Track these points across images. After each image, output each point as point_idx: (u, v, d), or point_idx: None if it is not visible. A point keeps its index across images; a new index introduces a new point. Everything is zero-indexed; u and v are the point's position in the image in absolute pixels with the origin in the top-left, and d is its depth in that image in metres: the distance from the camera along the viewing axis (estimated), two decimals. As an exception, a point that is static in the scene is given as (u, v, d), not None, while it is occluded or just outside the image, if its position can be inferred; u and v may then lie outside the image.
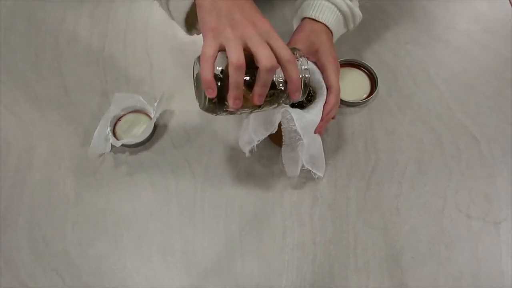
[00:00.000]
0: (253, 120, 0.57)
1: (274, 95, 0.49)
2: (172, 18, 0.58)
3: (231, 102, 0.45)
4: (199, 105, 0.50)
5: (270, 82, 0.45)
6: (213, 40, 0.45)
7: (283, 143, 0.58)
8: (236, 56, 0.43)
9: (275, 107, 0.52)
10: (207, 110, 0.49)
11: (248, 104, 0.48)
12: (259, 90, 0.45)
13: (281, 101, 0.51)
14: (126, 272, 0.60)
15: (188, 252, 0.62)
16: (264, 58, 0.43)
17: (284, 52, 0.45)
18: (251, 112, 0.52)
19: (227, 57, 0.44)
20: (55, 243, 0.63)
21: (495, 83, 0.75)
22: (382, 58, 0.79)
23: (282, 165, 0.63)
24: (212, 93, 0.44)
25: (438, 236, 0.61)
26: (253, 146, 0.58)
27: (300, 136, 0.54)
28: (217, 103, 0.47)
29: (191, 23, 0.58)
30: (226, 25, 0.45)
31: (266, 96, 0.47)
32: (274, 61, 0.44)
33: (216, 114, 0.50)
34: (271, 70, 0.44)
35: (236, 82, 0.44)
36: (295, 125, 0.53)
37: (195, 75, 0.49)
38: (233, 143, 0.70)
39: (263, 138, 0.56)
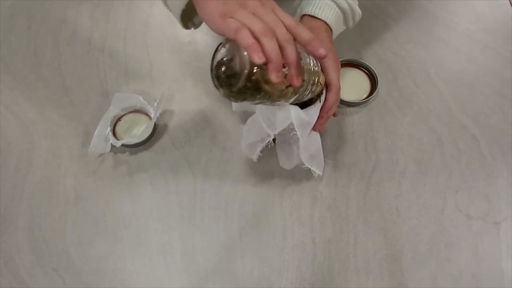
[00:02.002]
0: (261, 116, 0.56)
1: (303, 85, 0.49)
2: (170, 11, 0.58)
3: (273, 76, 0.43)
4: (222, 92, 0.47)
5: (298, 57, 0.45)
6: (232, 20, 0.44)
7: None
8: (260, 25, 0.43)
9: (284, 103, 0.51)
10: (231, 96, 0.47)
11: (270, 93, 0.47)
12: (296, 69, 0.45)
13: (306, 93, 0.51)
14: (126, 272, 0.61)
15: (188, 252, 0.62)
16: (280, 32, 0.44)
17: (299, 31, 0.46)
18: (272, 103, 0.50)
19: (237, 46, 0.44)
20: (55, 243, 0.63)
21: (495, 83, 0.75)
22: (382, 58, 0.79)
23: (276, 154, 0.63)
24: (261, 57, 0.42)
25: (438, 236, 0.61)
26: (269, 141, 0.57)
27: (293, 126, 0.54)
28: (245, 88, 0.45)
29: (187, 17, 0.58)
30: (236, 7, 0.45)
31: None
32: (289, 34, 0.44)
33: (237, 100, 0.48)
34: (290, 42, 0.44)
35: (272, 48, 0.42)
36: (289, 111, 0.53)
37: (215, 62, 0.47)
38: (233, 143, 0.70)
39: (281, 129, 0.54)
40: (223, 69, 0.47)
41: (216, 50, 0.47)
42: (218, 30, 0.46)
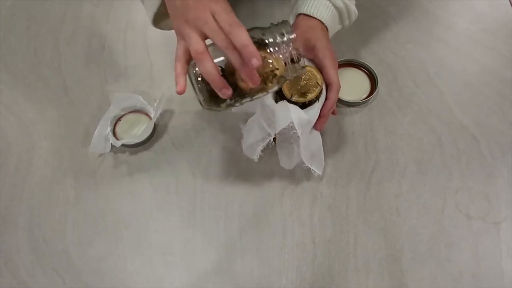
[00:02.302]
0: (261, 116, 0.56)
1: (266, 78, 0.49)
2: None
3: (219, 93, 0.45)
4: (202, 105, 0.50)
5: (242, 61, 0.44)
6: (179, 42, 0.47)
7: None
8: (194, 47, 0.44)
9: (270, 92, 0.51)
10: (209, 106, 0.49)
11: (241, 93, 0.49)
12: (243, 73, 0.45)
13: (273, 85, 0.50)
14: (126, 272, 0.61)
15: (188, 252, 0.62)
16: (218, 41, 0.44)
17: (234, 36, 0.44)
18: (251, 100, 0.51)
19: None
20: (55, 243, 0.63)
21: (495, 83, 0.75)
22: (382, 58, 0.79)
23: (276, 153, 0.63)
24: (179, 91, 0.47)
25: (438, 236, 0.61)
26: (270, 141, 0.58)
27: (293, 125, 0.54)
28: (213, 97, 0.48)
29: (158, 20, 0.61)
30: (181, 23, 0.46)
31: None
32: (227, 40, 0.44)
33: (218, 109, 0.50)
34: (229, 48, 0.44)
35: (205, 71, 0.44)
36: (289, 111, 0.53)
37: (192, 76, 0.49)
38: (233, 143, 0.70)
39: (281, 128, 0.55)
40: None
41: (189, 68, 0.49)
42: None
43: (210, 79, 0.44)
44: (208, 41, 0.45)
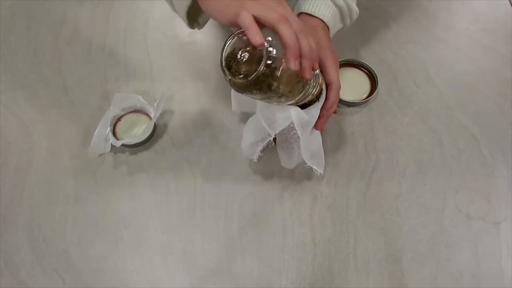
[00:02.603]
0: (261, 116, 0.56)
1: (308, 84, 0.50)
2: (175, 11, 0.58)
3: (291, 63, 0.43)
4: (234, 83, 0.46)
5: (312, 49, 0.44)
6: (243, 10, 0.43)
7: None
8: (275, 12, 0.42)
9: (287, 102, 0.51)
10: (242, 90, 0.47)
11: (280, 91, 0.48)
12: (307, 61, 0.44)
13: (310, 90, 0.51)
14: (126, 272, 0.61)
15: (188, 252, 0.62)
16: (293, 21, 0.43)
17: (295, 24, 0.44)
18: (277, 103, 0.51)
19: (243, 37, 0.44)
20: (55, 243, 0.63)
21: (495, 83, 0.75)
22: (382, 58, 0.79)
23: (277, 154, 0.63)
24: (260, 40, 0.41)
25: (438, 236, 0.61)
26: (269, 141, 0.58)
27: (293, 125, 0.54)
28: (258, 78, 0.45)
29: (192, 17, 0.57)
30: (248, 2, 0.44)
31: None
32: (302, 25, 0.43)
33: (249, 92, 0.47)
34: (304, 32, 0.43)
35: (289, 35, 0.42)
36: (289, 111, 0.53)
37: (226, 53, 0.47)
38: (233, 144, 0.70)
39: (281, 129, 0.55)
40: (240, 57, 0.46)
41: (226, 43, 0.47)
42: (230, 21, 0.44)
43: (290, 45, 0.42)
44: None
